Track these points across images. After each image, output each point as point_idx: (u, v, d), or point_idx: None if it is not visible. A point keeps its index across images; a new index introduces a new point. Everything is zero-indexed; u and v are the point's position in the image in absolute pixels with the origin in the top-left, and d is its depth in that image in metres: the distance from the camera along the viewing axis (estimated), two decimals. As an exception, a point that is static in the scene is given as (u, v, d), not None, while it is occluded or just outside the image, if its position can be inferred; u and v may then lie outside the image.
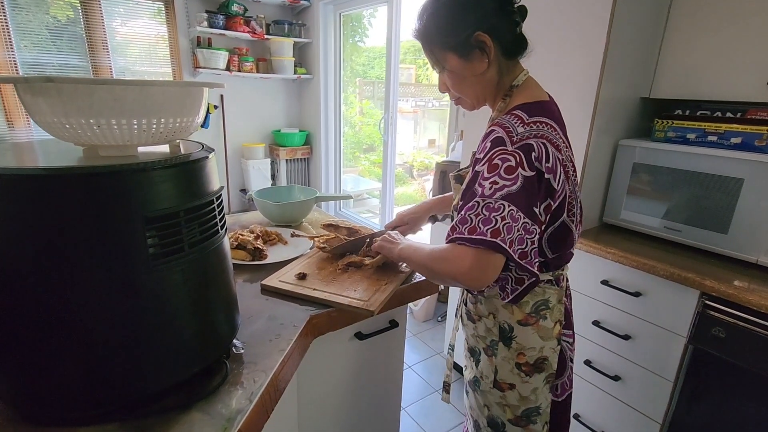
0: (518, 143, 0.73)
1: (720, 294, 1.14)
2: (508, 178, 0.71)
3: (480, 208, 0.71)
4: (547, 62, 1.48)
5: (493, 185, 0.71)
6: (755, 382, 1.12)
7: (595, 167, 1.51)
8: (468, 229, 0.71)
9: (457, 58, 0.81)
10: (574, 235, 0.88)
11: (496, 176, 0.71)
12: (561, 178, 0.77)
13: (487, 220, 0.70)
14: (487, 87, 0.85)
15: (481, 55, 0.80)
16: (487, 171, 0.73)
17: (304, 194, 1.58)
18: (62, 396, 0.58)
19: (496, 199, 0.70)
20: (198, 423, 0.60)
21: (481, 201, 0.71)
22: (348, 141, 4.17)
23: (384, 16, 3.00)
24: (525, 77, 0.85)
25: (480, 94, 0.86)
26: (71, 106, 0.52)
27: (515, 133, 0.74)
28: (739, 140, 1.26)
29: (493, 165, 0.73)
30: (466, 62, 0.81)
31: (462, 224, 0.72)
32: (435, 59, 0.85)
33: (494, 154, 0.74)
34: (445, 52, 0.82)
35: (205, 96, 0.65)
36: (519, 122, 0.76)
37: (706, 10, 1.35)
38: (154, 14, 3.27)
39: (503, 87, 0.85)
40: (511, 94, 0.84)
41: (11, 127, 2.99)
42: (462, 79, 0.84)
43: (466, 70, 0.82)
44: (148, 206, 0.56)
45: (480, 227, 0.70)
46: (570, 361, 0.95)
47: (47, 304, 0.53)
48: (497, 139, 0.75)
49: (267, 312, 0.91)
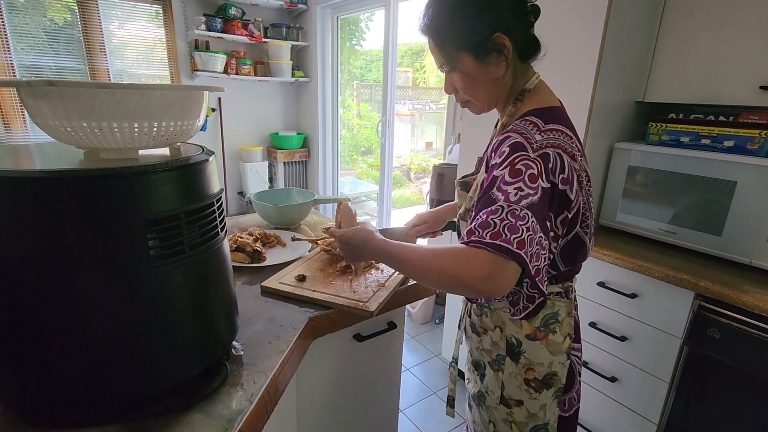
0: (538, 151, 0.69)
1: (714, 295, 1.15)
2: (532, 186, 0.66)
3: (505, 213, 0.65)
4: (543, 66, 1.49)
5: (518, 191, 0.66)
6: (750, 383, 1.13)
7: (591, 170, 1.51)
8: (491, 234, 0.64)
9: (473, 60, 0.76)
10: (588, 248, 0.84)
11: (520, 182, 0.67)
12: (576, 188, 0.73)
13: (513, 228, 0.64)
14: (501, 91, 0.81)
15: (498, 57, 0.76)
16: (509, 175, 0.68)
17: (302, 197, 1.59)
18: (64, 398, 0.58)
19: (522, 207, 0.65)
20: (198, 424, 0.60)
21: (506, 206, 0.65)
22: (345, 144, 4.18)
23: (381, 19, 3.02)
24: (537, 81, 0.82)
25: (493, 98, 0.82)
26: (73, 110, 0.52)
27: (534, 140, 0.71)
28: (732, 143, 1.27)
29: (516, 170, 0.68)
30: (482, 65, 0.77)
31: (483, 228, 0.65)
32: (446, 58, 0.79)
33: (516, 158, 0.69)
34: (460, 52, 0.77)
35: (205, 99, 0.65)
36: (535, 129, 0.72)
37: (698, 15, 1.37)
38: (151, 17, 3.27)
39: (515, 91, 0.82)
40: (522, 99, 0.81)
41: (8, 130, 2.99)
42: (475, 81, 0.80)
43: (481, 74, 0.78)
44: (149, 209, 0.57)
45: (506, 234, 0.63)
46: (578, 375, 0.91)
47: (49, 306, 0.53)
48: (517, 144, 0.71)
49: (266, 314, 0.91)
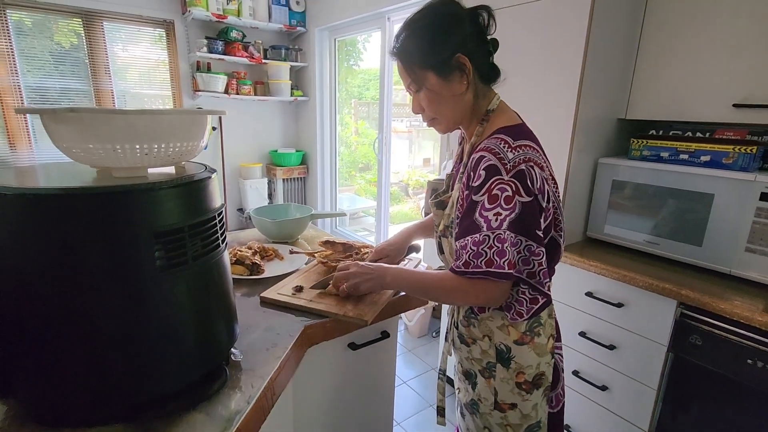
0: (512, 171, 0.77)
1: (695, 303, 1.20)
2: (507, 207, 0.76)
3: (492, 240, 0.76)
4: (529, 85, 1.57)
5: (498, 216, 0.76)
6: (733, 388, 1.16)
7: (577, 184, 1.59)
8: (485, 262, 0.76)
9: (437, 77, 0.85)
10: (561, 250, 0.92)
11: (498, 207, 0.76)
12: (548, 195, 0.82)
13: (501, 252, 0.76)
14: (464, 108, 0.89)
15: (460, 76, 0.84)
16: (488, 202, 0.77)
17: (299, 212, 1.65)
18: (73, 398, 0.62)
19: (504, 230, 0.76)
20: (200, 423, 0.64)
21: (491, 234, 0.76)
22: (344, 160, 4.26)
23: (378, 41, 3.13)
24: (498, 102, 0.91)
25: (457, 115, 0.90)
26: (91, 133, 0.58)
27: (506, 159, 0.78)
28: (708, 158, 1.34)
29: (493, 196, 0.77)
30: (446, 82, 0.85)
31: (477, 258, 0.77)
32: (413, 78, 0.87)
33: (492, 184, 0.77)
34: (425, 70, 0.85)
35: (209, 122, 0.72)
36: (506, 147, 0.79)
37: (674, 37, 1.46)
38: (155, 40, 3.39)
39: (479, 110, 0.90)
40: (488, 119, 0.89)
41: (14, 150, 3.06)
42: (440, 98, 0.87)
43: (445, 90, 0.86)
44: (156, 222, 0.62)
45: (496, 260, 0.76)
46: (562, 372, 0.97)
47: (62, 311, 0.58)
48: (491, 167, 0.78)
49: (264, 323, 0.95)
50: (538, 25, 1.52)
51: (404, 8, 2.77)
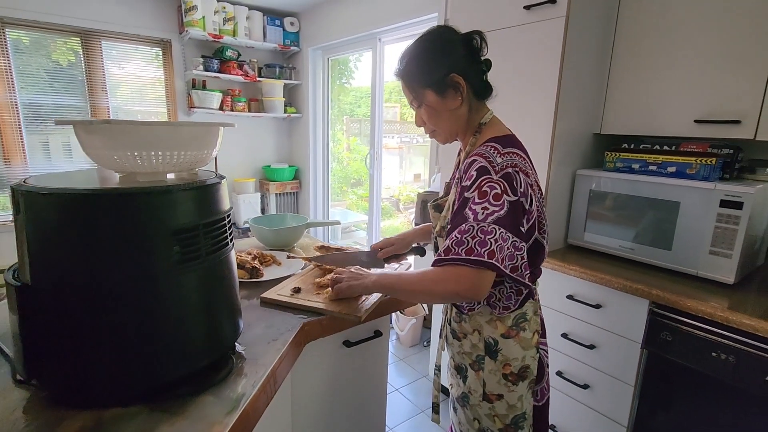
0: (500, 172, 0.85)
1: (665, 302, 1.29)
2: (496, 204, 0.82)
3: (475, 231, 0.81)
4: (511, 102, 1.69)
5: (485, 210, 0.82)
6: (701, 380, 1.25)
7: (558, 194, 1.70)
8: (465, 251, 0.80)
9: (434, 95, 0.95)
10: (545, 251, 1.00)
11: (486, 203, 0.82)
12: (532, 199, 0.90)
13: (482, 243, 0.80)
14: (459, 121, 0.99)
15: (455, 93, 0.94)
16: (477, 197, 0.84)
17: (295, 221, 1.72)
18: (94, 381, 0.68)
19: (489, 223, 0.81)
20: (210, 404, 0.71)
21: (476, 225, 0.81)
22: (336, 176, 4.35)
23: (369, 60, 3.27)
24: (491, 116, 1.00)
25: (453, 127, 1.00)
26: (119, 142, 0.66)
27: (495, 162, 0.86)
28: (674, 169, 1.45)
29: (483, 192, 0.84)
30: (442, 98, 0.95)
31: (459, 246, 0.81)
32: (414, 95, 0.98)
33: (482, 182, 0.84)
34: (424, 89, 0.95)
35: (221, 133, 0.80)
36: (496, 152, 0.88)
37: (643, 58, 1.59)
38: (152, 59, 3.48)
39: (473, 124, 0.99)
40: (480, 131, 0.98)
41: (8, 165, 3.10)
42: (438, 113, 0.97)
43: (442, 106, 0.96)
44: (174, 220, 0.70)
45: (477, 249, 0.80)
46: (546, 367, 1.05)
47: (91, 301, 0.65)
48: (482, 168, 0.86)
49: (264, 321, 1.02)
50: (515, 49, 1.64)
51: (394, 30, 2.92)
